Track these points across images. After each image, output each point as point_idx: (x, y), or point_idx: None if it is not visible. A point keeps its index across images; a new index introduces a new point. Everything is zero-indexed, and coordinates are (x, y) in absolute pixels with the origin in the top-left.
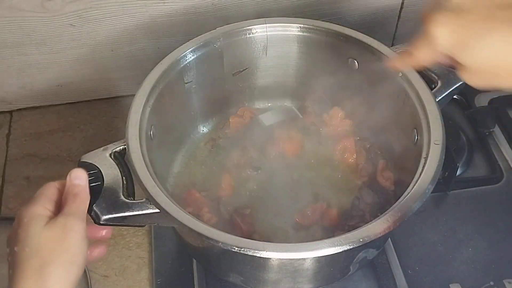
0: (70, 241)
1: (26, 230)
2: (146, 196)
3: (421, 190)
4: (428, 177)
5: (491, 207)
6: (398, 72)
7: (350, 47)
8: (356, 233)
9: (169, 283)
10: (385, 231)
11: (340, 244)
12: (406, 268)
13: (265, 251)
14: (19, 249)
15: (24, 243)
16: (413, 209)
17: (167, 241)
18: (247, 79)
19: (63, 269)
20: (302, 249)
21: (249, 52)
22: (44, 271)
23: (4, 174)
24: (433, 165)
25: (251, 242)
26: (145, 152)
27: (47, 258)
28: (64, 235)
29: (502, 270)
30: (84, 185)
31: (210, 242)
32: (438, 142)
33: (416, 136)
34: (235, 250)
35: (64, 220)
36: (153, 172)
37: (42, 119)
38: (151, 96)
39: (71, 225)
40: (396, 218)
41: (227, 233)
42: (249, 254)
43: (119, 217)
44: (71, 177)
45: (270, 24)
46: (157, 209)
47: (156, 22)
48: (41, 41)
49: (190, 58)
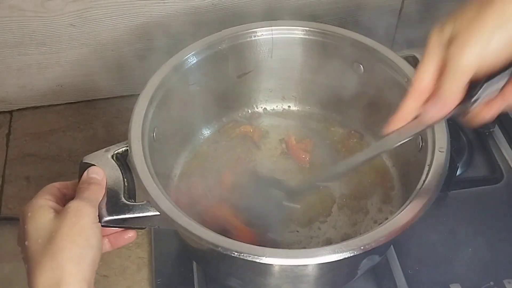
0: (82, 224)
1: (35, 223)
2: (147, 198)
3: (423, 198)
4: (431, 184)
5: (491, 207)
6: (404, 78)
7: (356, 51)
8: (357, 240)
9: (169, 283)
10: (388, 239)
11: (341, 251)
12: (406, 268)
13: (264, 257)
14: (31, 243)
15: (35, 235)
16: (414, 219)
17: (167, 241)
18: (252, 81)
19: (78, 253)
20: (303, 255)
21: (254, 55)
22: (59, 257)
23: (4, 174)
24: (437, 173)
25: (252, 247)
26: (147, 154)
27: (60, 244)
28: (76, 219)
29: (502, 270)
30: (100, 179)
31: (209, 246)
32: (442, 150)
33: (421, 143)
34: (234, 255)
35: (75, 205)
36: (154, 175)
37: (42, 119)
38: (154, 97)
39: (82, 209)
40: (397, 227)
41: (227, 238)
42: (249, 260)
43: (120, 219)
44: (89, 172)
45: (276, 27)
46: (158, 211)
47: (156, 22)
48: (41, 41)
49: (195, 59)
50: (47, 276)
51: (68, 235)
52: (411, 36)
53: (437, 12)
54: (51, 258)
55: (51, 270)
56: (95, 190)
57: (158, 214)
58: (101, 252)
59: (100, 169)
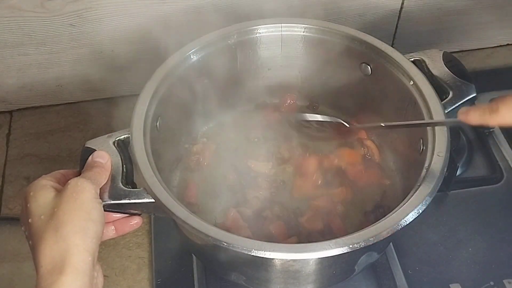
0: (82, 199)
1: (37, 201)
2: (143, 185)
3: (418, 201)
4: (427, 188)
5: (491, 207)
6: (409, 80)
7: (364, 51)
8: (359, 234)
9: (169, 283)
10: (378, 239)
11: (342, 245)
12: (406, 268)
13: (254, 250)
14: (34, 220)
15: (38, 212)
16: (406, 222)
17: (167, 241)
18: (259, 77)
19: (80, 226)
20: (304, 250)
21: (262, 51)
22: (62, 231)
23: (4, 174)
24: (433, 177)
25: (242, 239)
26: (148, 142)
27: (62, 218)
28: (76, 194)
29: (502, 270)
30: (104, 163)
31: (200, 235)
32: (441, 154)
33: (422, 146)
34: (225, 246)
35: (75, 181)
36: (153, 163)
37: (42, 119)
38: (160, 88)
39: (81, 185)
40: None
41: (219, 228)
42: (238, 251)
43: (116, 204)
44: (93, 156)
45: (285, 24)
46: (153, 199)
47: (156, 22)
48: (41, 41)
49: (202, 53)
50: (51, 248)
51: (69, 210)
52: (411, 36)
53: (437, 12)
54: (54, 232)
55: (55, 243)
56: (98, 171)
57: (153, 201)
58: (103, 227)
59: (105, 153)
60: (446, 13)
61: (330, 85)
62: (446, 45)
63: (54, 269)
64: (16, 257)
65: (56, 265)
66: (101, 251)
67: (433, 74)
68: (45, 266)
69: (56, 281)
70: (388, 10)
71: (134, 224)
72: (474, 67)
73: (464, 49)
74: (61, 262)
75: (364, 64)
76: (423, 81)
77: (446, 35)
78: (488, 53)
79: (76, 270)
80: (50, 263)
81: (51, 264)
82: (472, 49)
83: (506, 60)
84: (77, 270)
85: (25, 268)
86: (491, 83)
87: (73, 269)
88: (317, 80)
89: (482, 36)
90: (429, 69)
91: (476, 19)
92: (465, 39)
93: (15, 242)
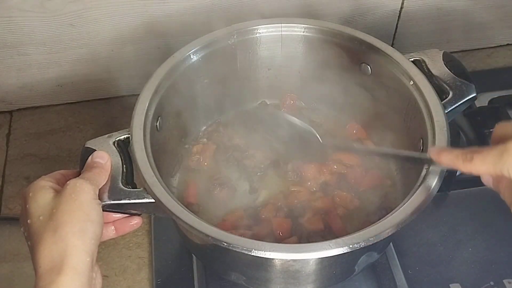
0: (80, 200)
1: (36, 201)
2: (143, 185)
3: (418, 201)
4: (427, 188)
5: (491, 207)
6: (409, 80)
7: (364, 51)
8: (359, 234)
9: (169, 283)
10: (379, 239)
11: (342, 245)
12: (406, 268)
13: (254, 249)
14: (33, 220)
15: (37, 213)
16: (405, 222)
17: (167, 241)
18: (259, 77)
19: (79, 227)
20: (304, 250)
21: (262, 51)
22: (60, 231)
23: (4, 174)
24: (433, 177)
25: (241, 239)
26: (148, 142)
27: (61, 219)
28: (75, 195)
29: (502, 270)
30: (104, 163)
31: (200, 235)
32: None
33: (422, 146)
34: (225, 246)
35: (73, 182)
36: (153, 163)
37: (42, 119)
38: (160, 88)
39: (81, 186)
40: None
41: (219, 229)
42: (239, 252)
43: (116, 204)
44: (93, 156)
45: (285, 24)
46: (153, 199)
47: (156, 22)
48: (41, 41)
49: (203, 53)
50: (50, 249)
51: (68, 211)
52: (411, 36)
53: (437, 12)
54: (53, 233)
55: (54, 244)
56: (97, 172)
57: (153, 201)
58: (102, 228)
59: (105, 153)
60: (446, 13)
61: (330, 85)
62: (446, 45)
63: (52, 270)
64: (16, 257)
65: (55, 265)
66: (101, 251)
67: (433, 74)
68: (44, 267)
69: (54, 281)
70: (388, 10)
71: (134, 224)
72: (474, 67)
73: (464, 49)
74: (60, 263)
75: (364, 64)
76: (423, 81)
77: (446, 35)
78: (488, 53)
79: (74, 270)
80: (48, 264)
81: (50, 264)
82: (472, 49)
83: (506, 60)
84: (76, 271)
85: (25, 268)
86: (491, 83)
87: (71, 270)
88: (317, 80)
89: (482, 36)
90: (429, 69)
91: (476, 19)
92: (465, 39)
93: (15, 242)
